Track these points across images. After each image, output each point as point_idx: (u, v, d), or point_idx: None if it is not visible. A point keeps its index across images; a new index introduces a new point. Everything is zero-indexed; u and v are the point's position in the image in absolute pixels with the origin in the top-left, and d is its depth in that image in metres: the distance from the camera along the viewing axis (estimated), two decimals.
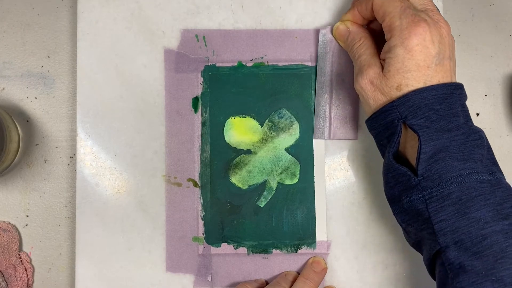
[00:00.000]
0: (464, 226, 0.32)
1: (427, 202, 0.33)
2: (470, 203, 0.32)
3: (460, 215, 0.32)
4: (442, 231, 0.33)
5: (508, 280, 0.30)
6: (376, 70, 0.37)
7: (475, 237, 0.31)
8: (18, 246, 0.45)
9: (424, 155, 0.34)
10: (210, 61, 0.45)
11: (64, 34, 0.47)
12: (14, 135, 0.44)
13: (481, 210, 0.32)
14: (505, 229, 0.32)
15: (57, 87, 0.46)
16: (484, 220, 0.32)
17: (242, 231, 0.44)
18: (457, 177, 0.33)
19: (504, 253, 0.31)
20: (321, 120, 0.44)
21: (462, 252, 0.32)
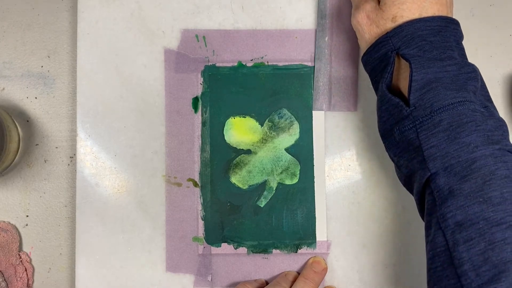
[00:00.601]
0: (454, 150, 0.32)
1: (418, 131, 0.33)
2: (460, 129, 0.32)
3: (450, 141, 0.32)
4: (432, 157, 0.32)
5: (496, 200, 0.30)
6: (373, 4, 0.37)
7: (465, 161, 0.31)
8: (18, 246, 0.45)
9: (416, 84, 0.34)
10: (210, 61, 0.45)
11: (64, 34, 0.47)
12: (14, 135, 0.44)
13: (471, 135, 0.32)
14: (495, 153, 0.31)
15: (57, 87, 0.46)
16: (474, 144, 0.31)
17: (242, 231, 0.44)
18: (448, 105, 0.32)
19: (493, 175, 0.30)
20: (320, 91, 0.44)
21: (452, 177, 0.31)
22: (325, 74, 0.44)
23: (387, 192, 0.44)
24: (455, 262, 0.29)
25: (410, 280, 0.44)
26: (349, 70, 0.45)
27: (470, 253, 0.29)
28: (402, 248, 0.44)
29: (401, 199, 0.44)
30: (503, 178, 0.30)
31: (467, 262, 0.29)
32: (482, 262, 0.29)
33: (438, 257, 0.31)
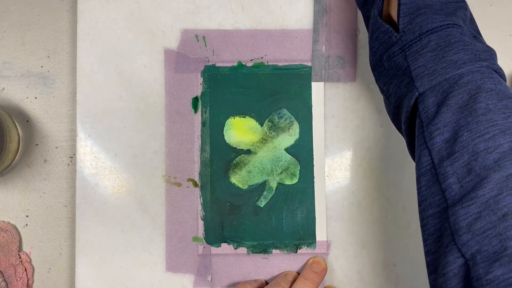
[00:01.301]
0: (441, 68, 0.31)
1: (406, 54, 0.33)
2: (448, 48, 0.32)
3: (437, 60, 0.32)
4: (419, 76, 0.32)
5: (481, 111, 0.29)
6: None
7: (452, 78, 0.31)
8: (18, 246, 0.45)
9: (405, 8, 0.33)
10: (210, 61, 0.45)
11: (64, 34, 0.47)
12: (14, 135, 0.44)
13: (459, 53, 0.32)
14: (482, 70, 0.31)
15: (57, 87, 0.46)
16: (461, 61, 0.31)
17: (242, 231, 0.44)
18: (437, 27, 0.32)
19: (479, 89, 0.30)
20: (318, 62, 0.44)
21: (439, 95, 0.31)
22: (323, 41, 0.44)
23: (387, 192, 0.44)
24: (440, 178, 0.29)
25: (410, 280, 0.44)
26: (347, 40, 0.44)
27: (454, 166, 0.28)
28: (402, 248, 0.44)
29: (401, 199, 0.44)
30: (488, 91, 0.30)
31: (451, 176, 0.28)
32: (465, 173, 0.28)
33: (423, 177, 0.30)
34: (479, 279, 0.25)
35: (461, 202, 0.27)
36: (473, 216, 0.27)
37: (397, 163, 0.45)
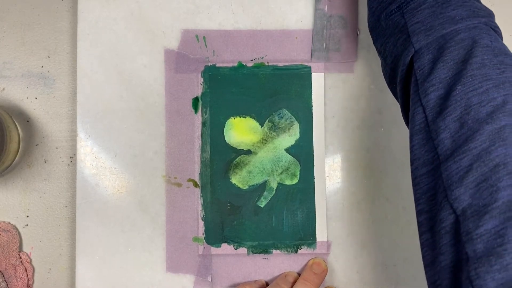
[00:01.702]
0: (438, 24, 0.31)
1: (403, 11, 0.32)
2: (446, 4, 0.31)
3: (435, 16, 0.31)
4: (416, 31, 0.31)
5: (476, 65, 0.28)
6: None
7: (449, 33, 0.30)
8: (18, 246, 0.45)
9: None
10: (210, 61, 0.45)
11: (64, 34, 0.47)
12: (14, 135, 0.44)
13: (457, 9, 0.31)
14: (480, 26, 0.30)
15: (57, 87, 0.46)
16: (459, 17, 0.31)
17: (242, 232, 0.44)
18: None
19: (476, 44, 0.29)
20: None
21: (435, 51, 0.30)
22: (325, 1, 0.44)
23: (387, 192, 0.44)
24: (432, 135, 0.28)
25: (411, 280, 0.44)
26: (349, 1, 0.44)
27: (447, 121, 0.28)
28: (402, 248, 0.44)
29: (401, 199, 0.44)
30: (484, 47, 0.29)
31: (443, 131, 0.28)
32: (458, 127, 0.27)
33: (417, 135, 0.29)
34: (469, 233, 0.24)
35: (453, 156, 0.27)
36: (464, 169, 0.26)
37: (397, 164, 0.45)
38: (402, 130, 0.45)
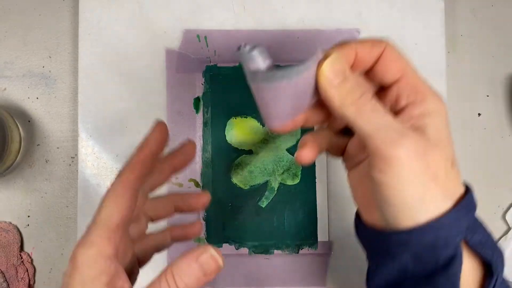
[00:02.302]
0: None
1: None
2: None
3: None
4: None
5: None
6: (421, 138, 0.25)
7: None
8: (20, 246, 0.45)
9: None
10: (212, 61, 0.45)
11: (65, 34, 0.47)
12: (16, 136, 0.44)
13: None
14: None
15: (59, 87, 0.46)
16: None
17: (244, 232, 0.44)
18: None
19: None
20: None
21: None
22: None
23: None
24: None
25: None
26: None
27: None
28: None
29: None
30: None
31: None
32: None
33: None
34: None
35: None
36: None
37: None
38: None
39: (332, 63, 0.25)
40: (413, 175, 0.23)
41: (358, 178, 0.30)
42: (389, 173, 0.23)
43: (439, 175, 0.24)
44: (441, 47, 0.45)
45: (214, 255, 0.26)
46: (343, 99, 0.25)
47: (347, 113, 0.25)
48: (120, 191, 0.26)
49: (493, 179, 0.47)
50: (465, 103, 0.47)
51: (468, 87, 0.47)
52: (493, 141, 0.47)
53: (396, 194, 0.24)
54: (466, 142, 0.47)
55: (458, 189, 0.26)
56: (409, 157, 0.23)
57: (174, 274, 0.25)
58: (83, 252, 0.25)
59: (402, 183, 0.23)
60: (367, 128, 0.24)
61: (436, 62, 0.45)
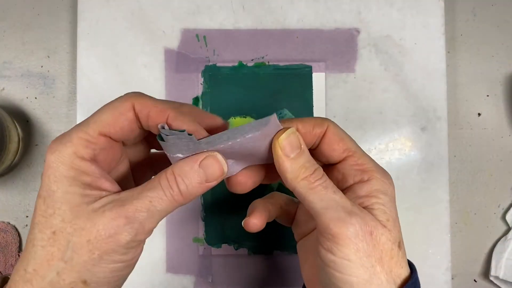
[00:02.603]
0: None
1: None
2: None
3: None
4: None
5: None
6: (368, 217, 0.25)
7: None
8: (18, 246, 0.45)
9: None
10: (211, 61, 0.45)
11: (64, 34, 0.47)
12: (14, 135, 0.44)
13: None
14: None
15: (57, 87, 0.46)
16: None
17: (243, 232, 0.44)
18: None
19: None
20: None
21: None
22: None
23: None
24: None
25: None
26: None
27: None
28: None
29: (402, 199, 0.44)
30: None
31: None
32: None
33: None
34: None
35: None
36: None
37: (398, 163, 0.44)
38: (402, 130, 0.45)
39: (288, 136, 0.25)
40: (360, 255, 0.23)
41: (306, 251, 0.30)
42: (337, 253, 0.24)
43: (384, 257, 0.24)
44: (441, 47, 0.45)
45: (220, 160, 0.25)
46: (296, 173, 0.25)
47: (298, 187, 0.25)
48: (123, 108, 0.25)
49: (493, 179, 0.46)
50: (464, 103, 0.47)
51: (468, 87, 0.47)
52: (493, 141, 0.47)
53: (342, 276, 0.24)
54: (466, 142, 0.47)
55: (403, 271, 0.25)
56: (356, 236, 0.23)
57: (176, 175, 0.24)
58: (58, 148, 0.24)
59: (349, 264, 0.23)
60: (317, 205, 0.24)
61: (436, 62, 0.45)
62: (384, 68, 0.45)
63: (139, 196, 0.23)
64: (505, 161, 0.46)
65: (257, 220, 0.30)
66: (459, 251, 0.46)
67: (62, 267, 0.22)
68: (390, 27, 0.45)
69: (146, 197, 0.23)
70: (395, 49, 0.45)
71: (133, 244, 0.23)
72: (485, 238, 0.46)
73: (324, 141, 0.27)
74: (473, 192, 0.46)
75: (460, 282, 0.46)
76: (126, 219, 0.23)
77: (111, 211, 0.23)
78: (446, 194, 0.44)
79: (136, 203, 0.23)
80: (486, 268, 0.46)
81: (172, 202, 0.24)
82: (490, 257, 0.46)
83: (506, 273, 0.44)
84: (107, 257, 0.22)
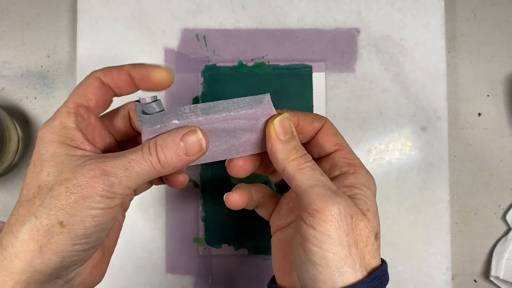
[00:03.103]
0: None
1: None
2: None
3: None
4: None
5: None
6: (352, 203, 0.26)
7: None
8: None
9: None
10: (211, 61, 0.45)
11: (64, 33, 0.46)
12: (14, 135, 0.44)
13: None
14: None
15: (57, 87, 0.46)
16: None
17: (243, 232, 0.44)
18: None
19: None
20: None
21: None
22: None
23: (388, 192, 0.44)
24: None
25: (412, 280, 0.44)
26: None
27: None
28: (403, 248, 0.44)
29: (402, 199, 0.44)
30: None
31: None
32: None
33: None
34: None
35: None
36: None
37: (399, 163, 0.44)
38: (403, 130, 0.45)
39: (282, 120, 0.28)
40: (340, 233, 0.25)
41: (280, 242, 0.32)
42: (318, 227, 0.25)
43: (359, 242, 0.26)
44: (442, 47, 0.45)
45: (200, 138, 0.27)
46: (287, 154, 0.27)
47: (288, 167, 0.27)
48: (89, 80, 0.27)
49: (494, 179, 0.46)
50: (465, 103, 0.47)
51: (468, 87, 0.47)
52: (493, 141, 0.47)
53: (320, 251, 0.25)
54: (466, 142, 0.47)
55: (374, 262, 0.26)
56: (340, 215, 0.25)
57: (157, 144, 0.26)
58: (47, 124, 0.26)
59: (329, 239, 0.25)
60: (304, 183, 0.26)
61: (436, 62, 0.45)
62: (384, 68, 0.45)
63: (119, 156, 0.26)
64: (505, 161, 0.46)
65: (239, 197, 0.32)
66: (459, 251, 0.46)
67: (40, 211, 0.24)
68: (390, 27, 0.45)
69: (125, 157, 0.25)
70: (396, 49, 0.45)
71: (108, 194, 0.25)
72: (485, 238, 0.46)
73: (320, 133, 0.30)
74: (474, 192, 0.46)
75: (460, 282, 0.46)
76: (103, 171, 0.25)
77: (90, 165, 0.25)
78: (446, 194, 0.44)
79: (116, 161, 0.25)
80: (486, 268, 0.46)
81: (151, 168, 0.26)
82: (490, 257, 0.46)
83: (506, 273, 0.44)
84: (82, 201, 0.24)
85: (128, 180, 0.25)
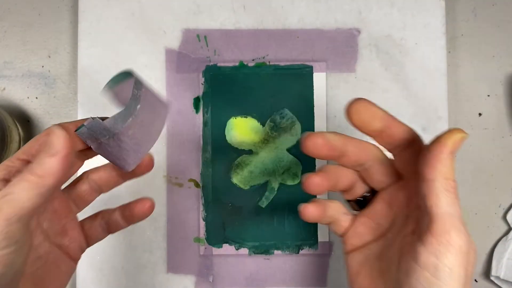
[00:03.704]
0: None
1: None
2: None
3: None
4: None
5: None
6: (471, 240, 0.26)
7: None
8: None
9: None
10: (212, 61, 0.45)
11: (65, 33, 0.47)
12: (15, 135, 0.44)
13: None
14: None
15: (58, 87, 0.46)
16: None
17: (244, 232, 0.44)
18: None
19: None
20: None
21: None
22: None
23: None
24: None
25: None
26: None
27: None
28: None
29: None
30: None
31: None
32: None
33: None
34: None
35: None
36: None
37: None
38: None
39: (461, 139, 0.25)
40: (460, 270, 0.24)
41: (362, 262, 0.31)
42: (443, 259, 0.24)
43: (468, 281, 0.25)
44: (442, 47, 0.45)
45: (55, 131, 0.27)
46: (448, 170, 0.25)
47: (439, 183, 0.25)
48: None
49: (494, 179, 0.46)
50: (465, 103, 0.47)
51: (468, 87, 0.47)
52: (493, 141, 0.47)
53: (436, 282, 0.24)
54: (466, 142, 0.47)
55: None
56: (467, 252, 0.24)
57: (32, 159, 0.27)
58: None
59: (450, 273, 0.24)
60: (444, 208, 0.24)
61: (436, 62, 0.45)
62: (384, 68, 0.45)
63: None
64: (506, 161, 0.46)
65: (315, 209, 0.31)
66: None
67: None
68: (390, 27, 0.45)
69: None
70: (396, 49, 0.45)
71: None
72: (485, 238, 0.46)
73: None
74: (474, 192, 0.46)
75: None
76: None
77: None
78: None
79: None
80: (486, 268, 0.46)
81: (37, 186, 0.25)
82: (490, 257, 0.46)
83: (507, 273, 0.44)
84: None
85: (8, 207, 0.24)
